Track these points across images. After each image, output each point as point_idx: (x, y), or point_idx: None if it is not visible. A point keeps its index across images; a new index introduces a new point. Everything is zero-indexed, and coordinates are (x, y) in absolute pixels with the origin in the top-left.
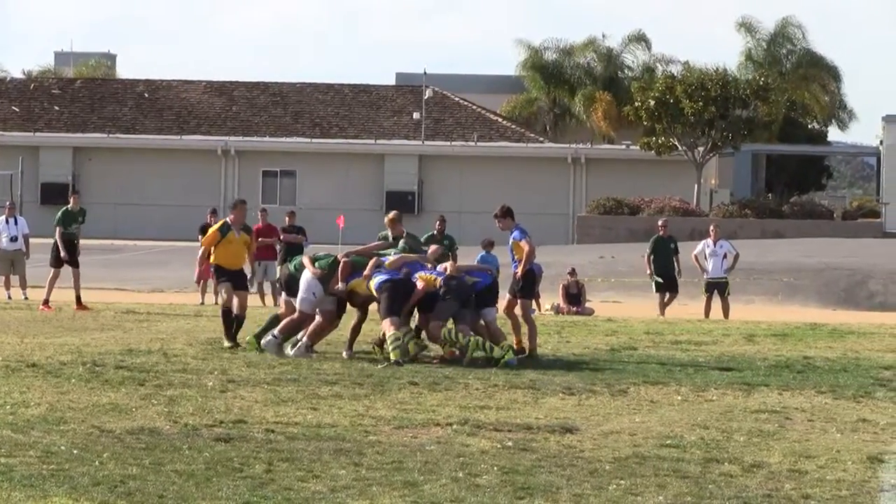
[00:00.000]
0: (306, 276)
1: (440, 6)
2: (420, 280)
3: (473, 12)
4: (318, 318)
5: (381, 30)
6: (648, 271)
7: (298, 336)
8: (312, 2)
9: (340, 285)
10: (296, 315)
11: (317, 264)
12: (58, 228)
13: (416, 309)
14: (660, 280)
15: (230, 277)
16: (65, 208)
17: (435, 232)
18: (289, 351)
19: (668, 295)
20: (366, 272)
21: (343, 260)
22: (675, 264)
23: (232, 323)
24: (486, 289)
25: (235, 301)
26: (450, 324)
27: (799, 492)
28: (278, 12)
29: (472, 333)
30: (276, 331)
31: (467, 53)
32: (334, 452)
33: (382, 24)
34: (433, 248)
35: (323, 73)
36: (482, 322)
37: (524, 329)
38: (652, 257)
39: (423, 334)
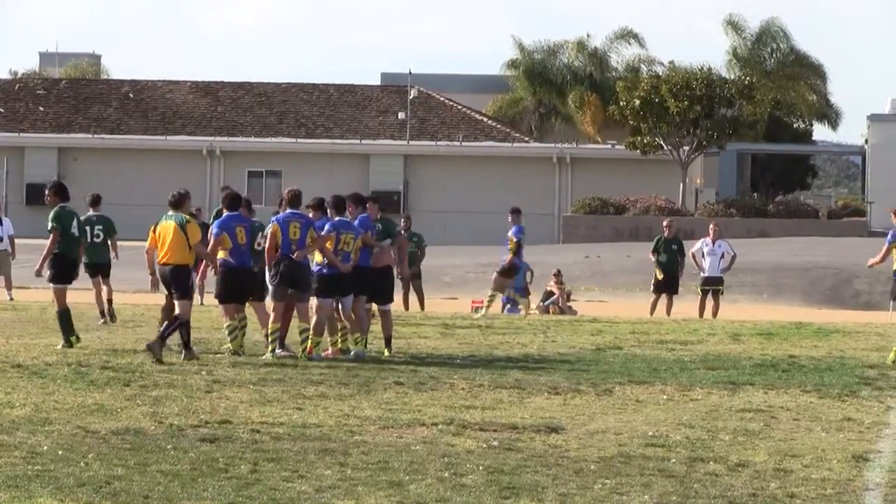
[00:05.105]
0: None
1: (426, 6)
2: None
3: (459, 12)
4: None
5: (365, 29)
6: (656, 268)
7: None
8: (296, 1)
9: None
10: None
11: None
12: None
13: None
14: (660, 279)
15: None
16: None
17: (402, 230)
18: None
19: (665, 296)
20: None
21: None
22: (679, 266)
23: None
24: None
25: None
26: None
27: (784, 491)
28: (262, 12)
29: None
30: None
31: (453, 53)
32: (320, 452)
33: (367, 23)
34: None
35: (308, 73)
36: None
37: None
38: (655, 256)
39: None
